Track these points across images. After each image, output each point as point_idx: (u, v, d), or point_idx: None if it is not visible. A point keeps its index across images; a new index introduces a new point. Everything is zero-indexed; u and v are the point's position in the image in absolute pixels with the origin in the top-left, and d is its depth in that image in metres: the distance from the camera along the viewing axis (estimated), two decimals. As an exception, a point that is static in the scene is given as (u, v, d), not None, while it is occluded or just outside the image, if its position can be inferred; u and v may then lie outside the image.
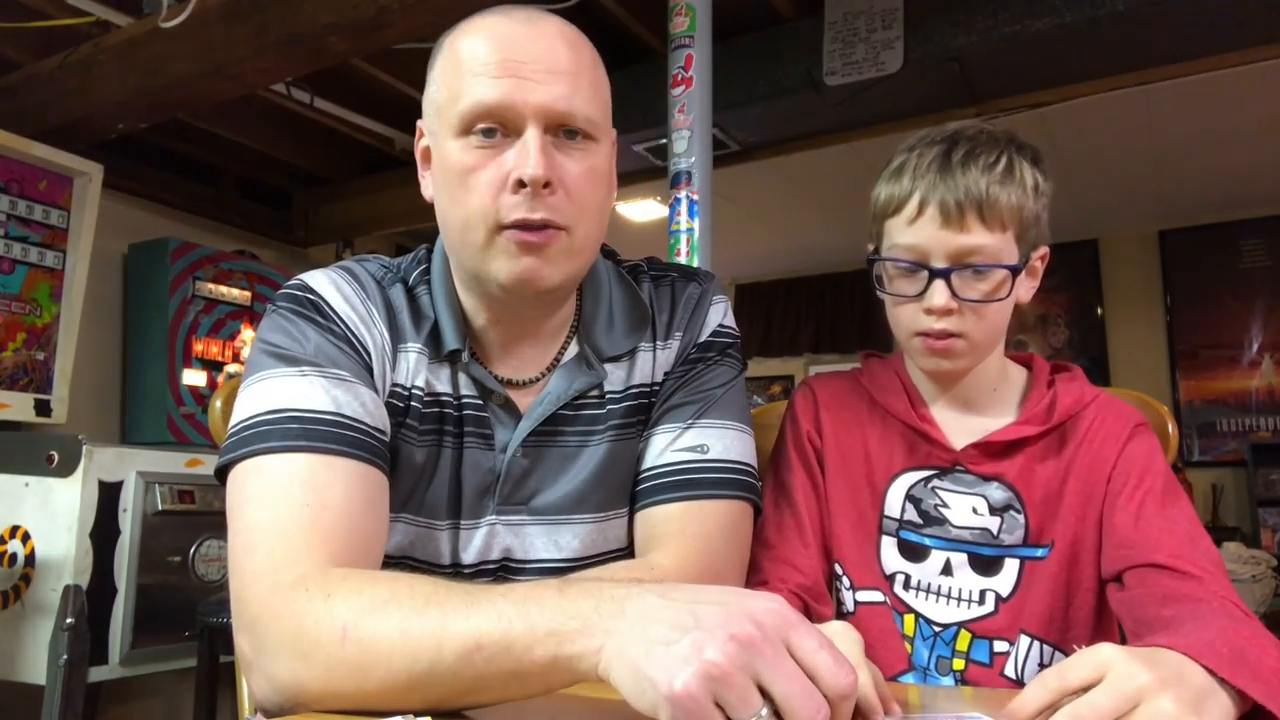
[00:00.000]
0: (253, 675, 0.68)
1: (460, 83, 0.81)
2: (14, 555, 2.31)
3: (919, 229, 0.90)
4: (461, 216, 0.81)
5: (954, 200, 0.88)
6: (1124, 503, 0.90)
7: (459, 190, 0.81)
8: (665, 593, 0.57)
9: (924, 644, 0.95)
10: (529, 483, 0.89)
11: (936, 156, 0.91)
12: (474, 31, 0.83)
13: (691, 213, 2.11)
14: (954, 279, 0.89)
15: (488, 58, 0.80)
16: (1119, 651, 0.59)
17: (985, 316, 0.91)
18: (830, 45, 2.67)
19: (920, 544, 0.96)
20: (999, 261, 0.89)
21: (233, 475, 0.76)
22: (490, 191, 0.79)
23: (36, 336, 2.85)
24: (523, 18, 0.83)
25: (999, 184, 0.89)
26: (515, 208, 0.78)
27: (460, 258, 0.86)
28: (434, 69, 0.86)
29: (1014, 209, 0.90)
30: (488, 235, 0.80)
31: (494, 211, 0.79)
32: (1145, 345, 4.89)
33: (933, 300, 0.90)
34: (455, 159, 0.81)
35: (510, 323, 0.90)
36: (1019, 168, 0.91)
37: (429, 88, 0.86)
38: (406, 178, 3.78)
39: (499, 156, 0.79)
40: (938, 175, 0.90)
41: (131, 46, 2.55)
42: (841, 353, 5.56)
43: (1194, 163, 4.10)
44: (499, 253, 0.80)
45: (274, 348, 0.81)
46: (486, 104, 0.79)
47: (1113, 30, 2.42)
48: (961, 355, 0.93)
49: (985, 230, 0.88)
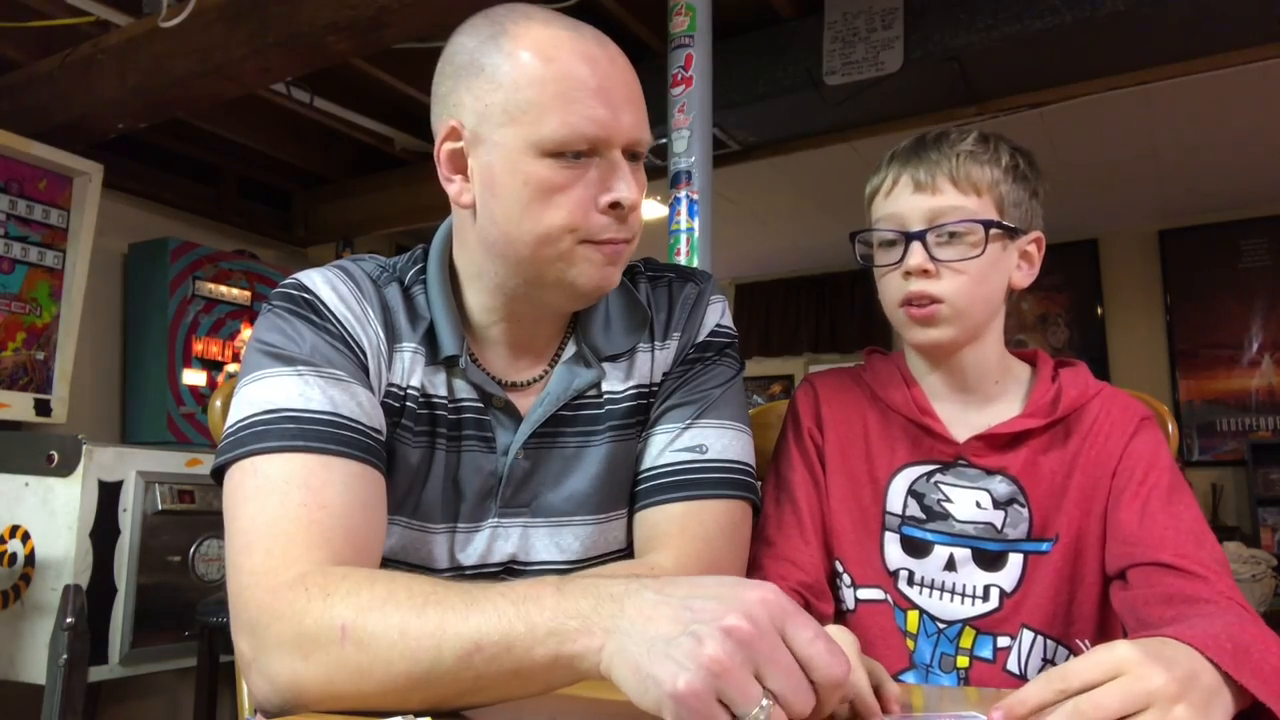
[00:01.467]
0: (252, 675, 0.68)
1: (551, 103, 0.78)
2: (14, 555, 2.31)
3: (895, 199, 0.95)
4: (539, 231, 0.81)
5: (925, 169, 0.94)
6: (1129, 499, 0.89)
7: (539, 206, 0.80)
8: (662, 588, 0.57)
9: (928, 641, 0.94)
10: (530, 485, 0.89)
11: (912, 141, 0.97)
12: (554, 48, 0.80)
13: (691, 212, 2.11)
14: (929, 239, 0.92)
15: (585, 83, 0.79)
16: (1134, 650, 0.58)
17: (964, 277, 0.92)
18: (830, 45, 2.67)
19: (923, 540, 0.96)
20: (973, 218, 0.92)
21: (230, 476, 0.76)
22: (580, 209, 0.81)
23: (36, 336, 2.85)
24: (593, 38, 0.83)
25: (969, 154, 0.93)
26: (607, 228, 0.82)
27: (520, 266, 0.84)
28: (489, 73, 0.81)
29: (988, 179, 0.93)
30: (571, 247, 0.82)
31: (583, 227, 0.81)
32: (1145, 345, 4.89)
33: (910, 261, 0.93)
34: (542, 176, 0.80)
35: (525, 324, 0.90)
36: (994, 145, 0.95)
37: (478, 92, 0.81)
38: (406, 178, 3.78)
39: (585, 176, 0.81)
40: (911, 153, 0.96)
41: (131, 46, 2.55)
42: (841, 352, 5.56)
43: (1194, 163, 4.10)
44: (581, 262, 0.82)
45: (270, 347, 0.80)
46: (589, 134, 0.79)
47: (1113, 30, 2.42)
48: (945, 321, 0.94)
49: (958, 193, 0.93)
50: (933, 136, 0.96)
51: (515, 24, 0.82)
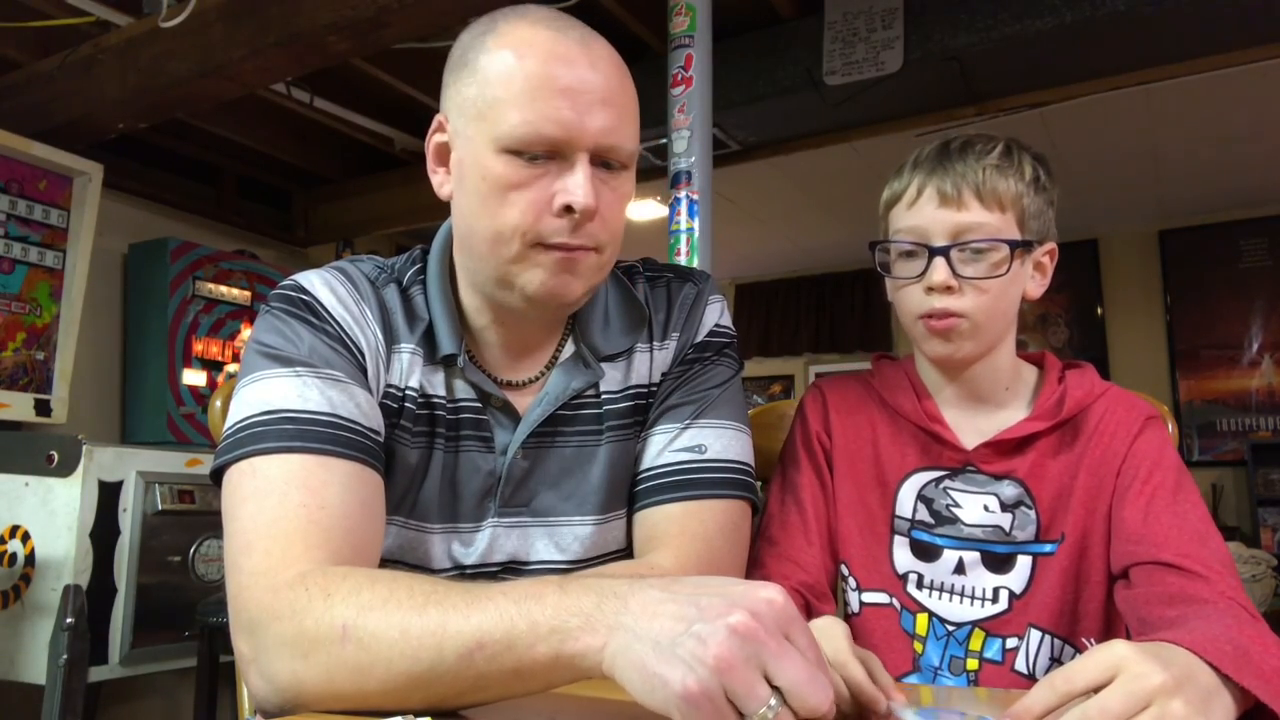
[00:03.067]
0: (251, 676, 0.68)
1: (515, 100, 0.78)
2: (14, 555, 2.31)
3: (918, 211, 0.93)
4: (494, 228, 0.80)
5: (951, 182, 0.92)
6: (1133, 498, 0.89)
7: (495, 203, 0.80)
8: (668, 586, 0.57)
9: (937, 644, 0.94)
10: (529, 485, 0.89)
11: (935, 149, 0.95)
12: (530, 47, 0.79)
13: (691, 212, 2.11)
14: (953, 255, 0.91)
15: (549, 83, 0.78)
16: (1131, 649, 0.58)
17: (986, 295, 0.92)
18: (830, 45, 2.67)
19: (932, 544, 0.96)
20: (998, 238, 0.91)
21: (228, 477, 0.76)
22: (532, 210, 0.79)
23: (36, 336, 2.85)
24: (577, 38, 0.81)
25: (995, 167, 0.92)
26: (558, 231, 0.80)
27: (482, 264, 0.84)
28: (470, 69, 0.81)
29: (1013, 193, 0.92)
30: (522, 249, 0.80)
31: (533, 229, 0.79)
32: (1145, 345, 4.88)
33: (933, 277, 0.91)
34: (498, 173, 0.79)
35: (514, 325, 0.90)
36: (1018, 156, 0.94)
37: (459, 85, 0.82)
38: (406, 178, 3.78)
39: (543, 178, 0.79)
40: (936, 162, 0.94)
41: (131, 46, 2.55)
42: (841, 352, 5.56)
43: (1194, 163, 4.10)
44: (531, 266, 0.81)
45: (268, 348, 0.80)
46: (546, 135, 0.78)
47: (1113, 30, 2.42)
48: (964, 337, 0.93)
49: (983, 209, 0.91)
50: (958, 146, 0.94)
51: (506, 22, 0.82)
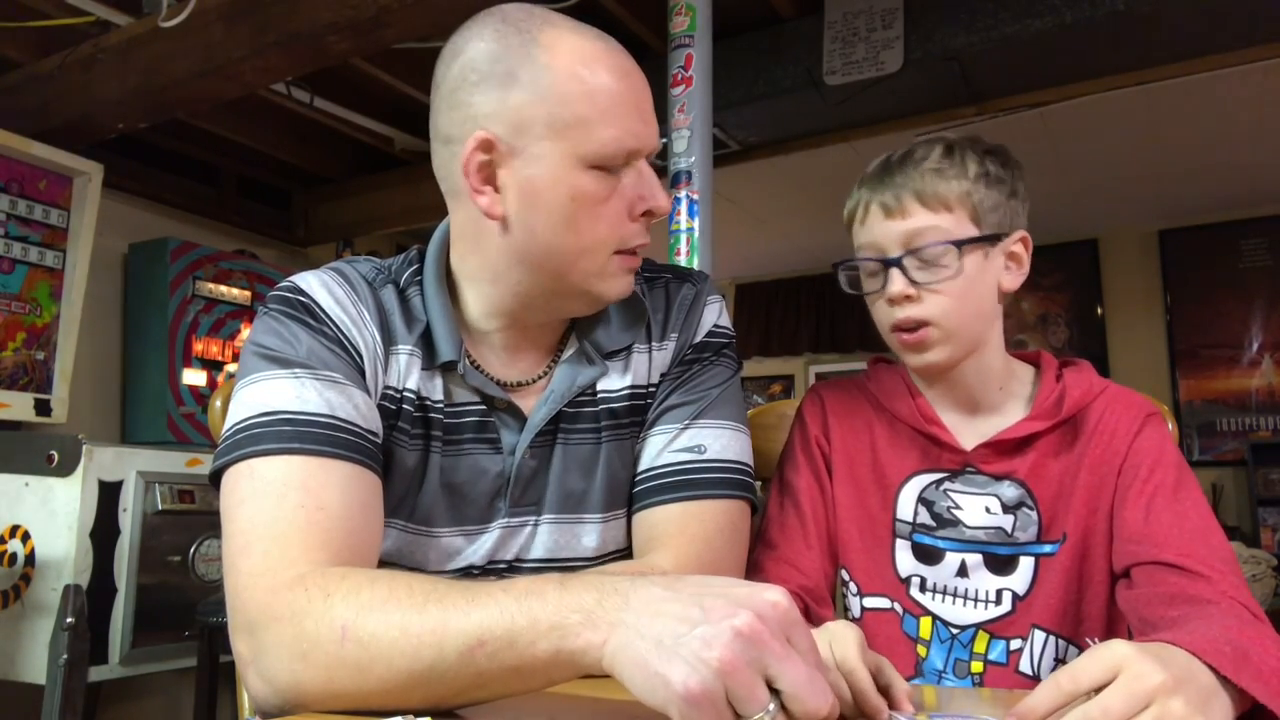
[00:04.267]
0: (250, 677, 0.68)
1: (603, 117, 0.80)
2: (14, 555, 2.31)
3: (869, 227, 0.95)
4: (582, 244, 0.82)
5: (892, 193, 0.93)
6: (1134, 496, 0.89)
7: (586, 219, 0.81)
8: (670, 585, 0.57)
9: (941, 647, 0.94)
10: (537, 484, 0.89)
11: (879, 163, 0.97)
12: (593, 60, 0.81)
13: (691, 213, 2.10)
14: (907, 263, 0.92)
15: (625, 97, 0.81)
16: (1131, 649, 0.58)
17: (949, 297, 0.92)
18: (830, 45, 2.67)
19: (934, 547, 0.96)
20: (947, 239, 0.91)
21: (226, 478, 0.76)
22: (619, 220, 0.83)
23: (36, 336, 2.85)
24: (620, 49, 0.84)
25: (935, 170, 0.92)
26: (638, 235, 0.85)
27: (557, 281, 0.84)
28: (522, 83, 0.79)
29: (957, 192, 0.92)
30: (606, 259, 0.84)
31: (618, 238, 0.83)
32: (1145, 345, 4.88)
33: (891, 289, 0.93)
34: (590, 190, 0.81)
35: (523, 328, 0.90)
36: (960, 154, 0.94)
37: (507, 99, 0.79)
38: (406, 178, 3.78)
39: (619, 187, 0.82)
40: (878, 178, 0.95)
41: (131, 46, 2.55)
42: (841, 352, 5.56)
43: (1194, 163, 4.10)
44: (611, 274, 0.85)
45: (266, 350, 0.80)
46: (630, 147, 0.81)
47: (1113, 30, 2.42)
48: (937, 344, 0.93)
49: (929, 213, 0.92)
50: (898, 158, 0.95)
51: (544, 33, 0.81)
